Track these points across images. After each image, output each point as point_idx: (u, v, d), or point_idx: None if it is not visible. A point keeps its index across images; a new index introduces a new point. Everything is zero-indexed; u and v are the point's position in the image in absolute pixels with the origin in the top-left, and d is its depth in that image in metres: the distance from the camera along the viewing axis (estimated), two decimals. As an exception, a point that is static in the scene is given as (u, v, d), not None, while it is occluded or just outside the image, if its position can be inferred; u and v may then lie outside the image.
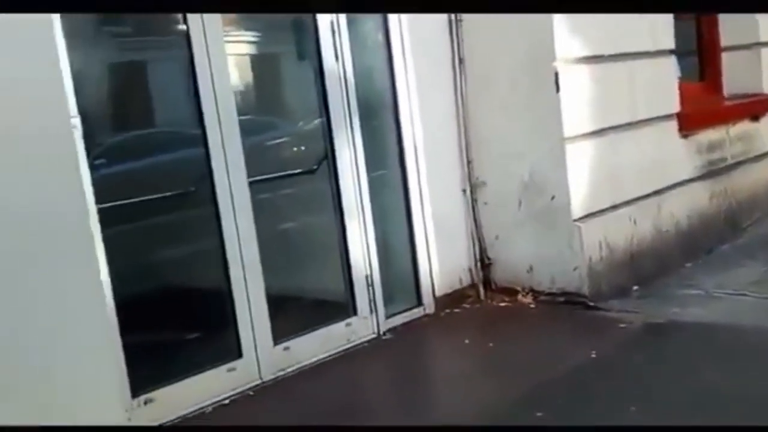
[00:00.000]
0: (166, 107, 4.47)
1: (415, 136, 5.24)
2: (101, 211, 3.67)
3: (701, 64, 6.97)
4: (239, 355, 4.29)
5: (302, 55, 4.96)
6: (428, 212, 5.29)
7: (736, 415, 3.43)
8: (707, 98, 6.79)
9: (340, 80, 4.81)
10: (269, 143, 4.95)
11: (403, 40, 5.15)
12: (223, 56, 4.27)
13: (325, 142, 4.83)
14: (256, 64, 4.96)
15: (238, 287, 4.29)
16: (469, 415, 3.77)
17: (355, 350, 4.77)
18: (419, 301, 5.30)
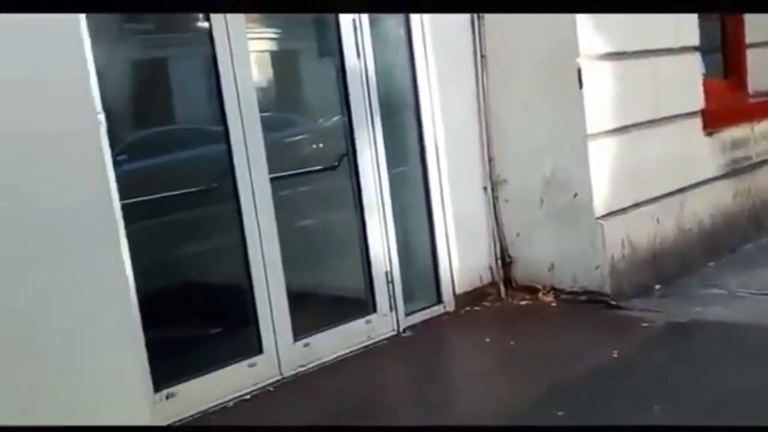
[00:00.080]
0: (188, 104, 4.50)
1: (436, 133, 5.24)
2: (125, 207, 3.70)
3: (725, 60, 6.90)
4: (260, 350, 4.33)
5: (324, 52, 4.98)
6: (449, 209, 5.30)
7: (758, 414, 3.41)
8: (732, 95, 6.72)
9: (361, 77, 4.84)
10: (290, 140, 4.96)
11: (424, 36, 5.16)
12: (245, 53, 4.30)
13: (346, 138, 4.85)
14: (277, 60, 4.98)
15: (259, 283, 4.33)
16: (489, 413, 3.76)
17: (374, 347, 4.79)
18: (439, 298, 5.31)
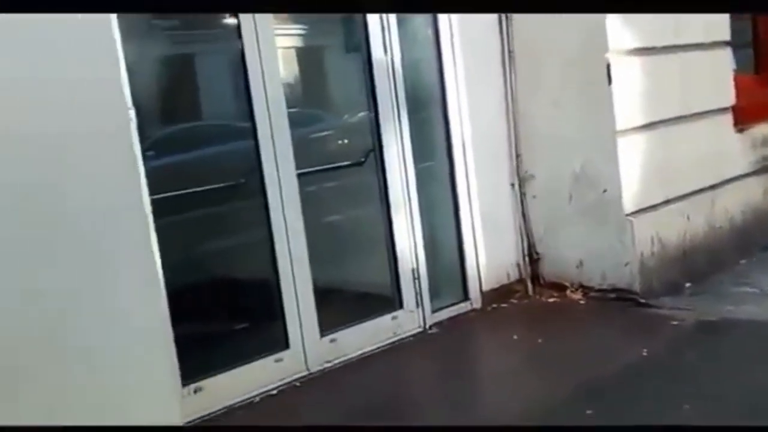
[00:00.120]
0: (215, 100, 4.51)
1: (463, 128, 5.22)
2: (153, 202, 3.71)
3: (756, 56, 6.77)
4: (286, 346, 4.34)
5: (351, 48, 4.99)
6: (476, 206, 5.28)
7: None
8: (763, 91, 6.59)
9: (388, 73, 4.84)
10: (317, 136, 4.96)
11: (452, 32, 5.14)
12: (273, 49, 4.31)
13: (372, 134, 4.85)
14: (305, 57, 4.98)
15: (285, 279, 4.34)
16: (516, 412, 3.74)
17: (400, 344, 4.78)
18: (466, 295, 5.30)
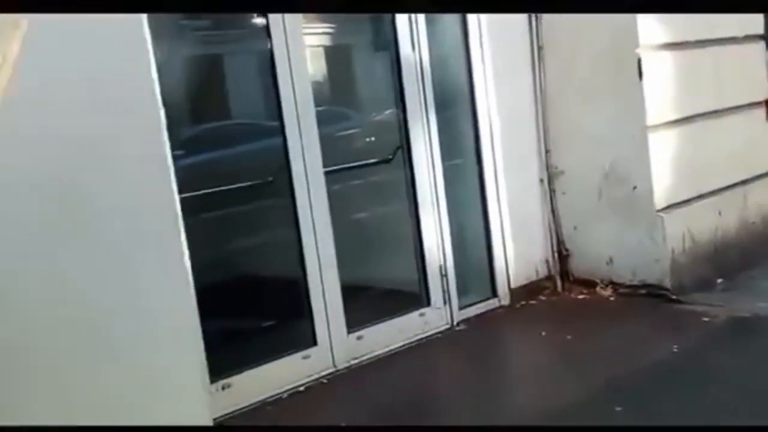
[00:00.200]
0: (244, 99, 4.51)
1: (491, 125, 5.17)
2: (183, 201, 3.66)
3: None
4: (314, 343, 4.34)
5: (380, 45, 4.96)
6: (504, 202, 5.23)
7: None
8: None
9: (416, 69, 4.80)
10: (345, 134, 4.94)
11: (481, 28, 5.10)
12: (301, 48, 4.29)
13: (400, 131, 4.82)
14: (333, 55, 4.96)
15: (313, 276, 4.33)
16: (543, 409, 3.70)
17: (428, 341, 4.76)
18: (494, 292, 5.25)
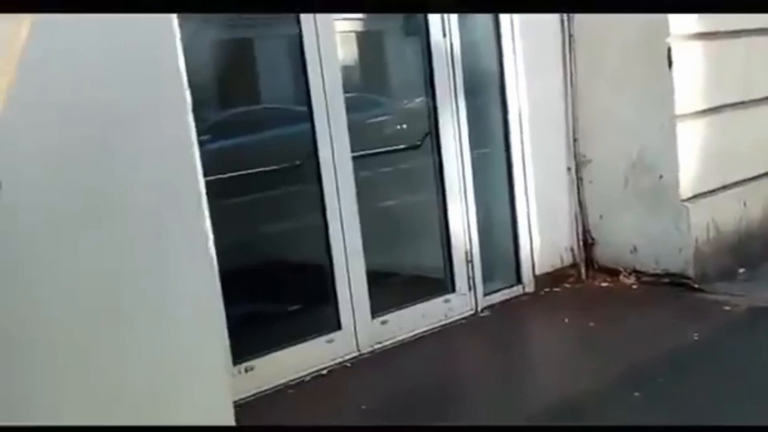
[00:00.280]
0: (273, 84, 4.41)
1: (521, 112, 5.05)
2: (209, 183, 3.63)
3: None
4: (338, 327, 4.24)
5: (410, 31, 4.85)
6: (531, 190, 5.11)
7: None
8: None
9: (446, 56, 4.67)
10: (374, 120, 4.83)
11: (512, 16, 4.95)
12: (331, 34, 4.17)
13: (429, 117, 4.70)
14: (363, 41, 4.86)
15: (339, 261, 4.23)
16: (564, 394, 3.64)
17: (452, 326, 4.67)
18: (519, 279, 5.15)
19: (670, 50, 4.81)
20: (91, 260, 2.84)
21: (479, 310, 4.85)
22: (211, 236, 3.56)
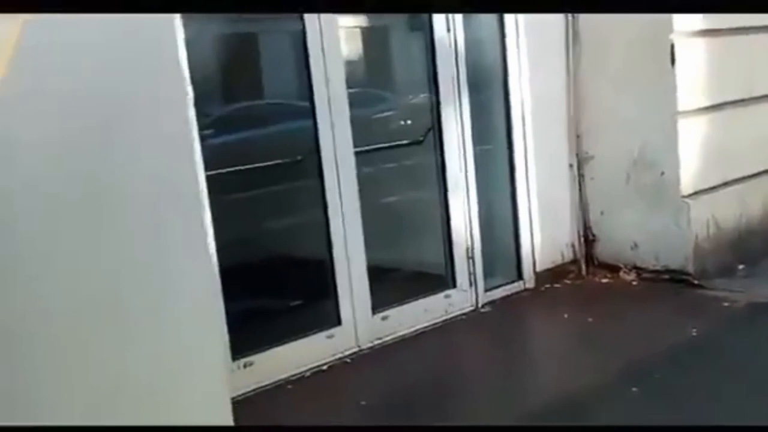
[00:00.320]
0: (276, 79, 4.34)
1: (524, 108, 4.97)
2: (210, 178, 3.57)
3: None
4: (338, 322, 4.18)
5: (414, 26, 4.76)
6: (533, 186, 5.04)
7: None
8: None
9: (450, 52, 4.58)
10: (377, 116, 4.77)
11: (516, 13, 4.87)
12: (335, 29, 4.10)
13: (432, 113, 4.63)
14: (367, 36, 4.77)
15: (339, 257, 4.16)
16: (562, 389, 3.61)
17: (452, 322, 4.62)
18: (519, 275, 5.08)
19: (673, 47, 4.73)
20: (90, 253, 2.74)
21: (480, 305, 4.78)
22: (211, 231, 3.51)
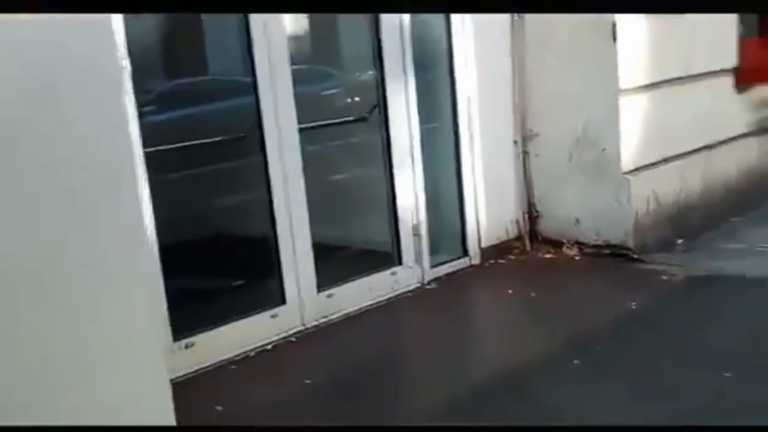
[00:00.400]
0: (219, 55, 4.13)
1: (469, 86, 4.80)
2: (148, 155, 3.35)
3: (761, 17, 6.30)
4: (283, 301, 3.98)
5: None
6: (478, 164, 4.88)
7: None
8: (766, 53, 6.15)
9: (396, 30, 4.40)
10: (322, 93, 4.58)
11: (460, -11, 4.67)
12: (278, 4, 3.89)
13: (377, 90, 4.43)
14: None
15: (283, 235, 3.96)
16: (506, 362, 3.55)
17: (398, 299, 4.47)
18: (465, 251, 4.93)
19: (614, 26, 4.64)
20: (18, 233, 2.51)
21: (426, 282, 4.64)
22: (149, 209, 3.29)
